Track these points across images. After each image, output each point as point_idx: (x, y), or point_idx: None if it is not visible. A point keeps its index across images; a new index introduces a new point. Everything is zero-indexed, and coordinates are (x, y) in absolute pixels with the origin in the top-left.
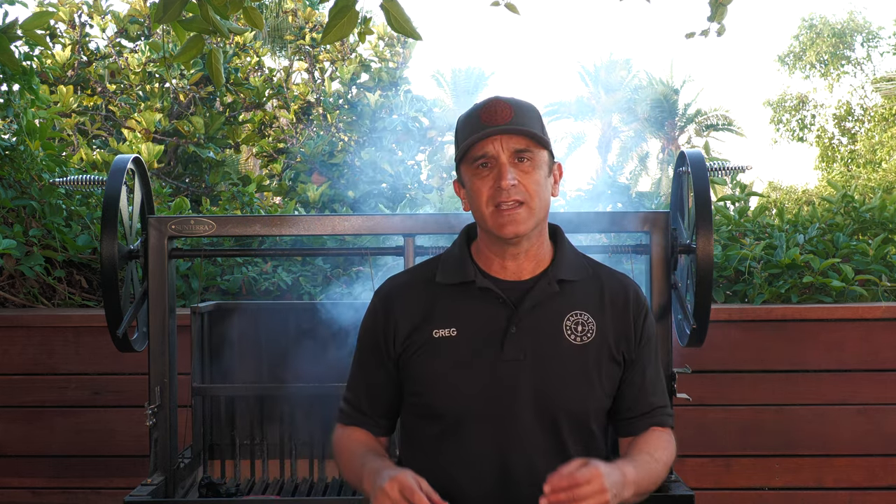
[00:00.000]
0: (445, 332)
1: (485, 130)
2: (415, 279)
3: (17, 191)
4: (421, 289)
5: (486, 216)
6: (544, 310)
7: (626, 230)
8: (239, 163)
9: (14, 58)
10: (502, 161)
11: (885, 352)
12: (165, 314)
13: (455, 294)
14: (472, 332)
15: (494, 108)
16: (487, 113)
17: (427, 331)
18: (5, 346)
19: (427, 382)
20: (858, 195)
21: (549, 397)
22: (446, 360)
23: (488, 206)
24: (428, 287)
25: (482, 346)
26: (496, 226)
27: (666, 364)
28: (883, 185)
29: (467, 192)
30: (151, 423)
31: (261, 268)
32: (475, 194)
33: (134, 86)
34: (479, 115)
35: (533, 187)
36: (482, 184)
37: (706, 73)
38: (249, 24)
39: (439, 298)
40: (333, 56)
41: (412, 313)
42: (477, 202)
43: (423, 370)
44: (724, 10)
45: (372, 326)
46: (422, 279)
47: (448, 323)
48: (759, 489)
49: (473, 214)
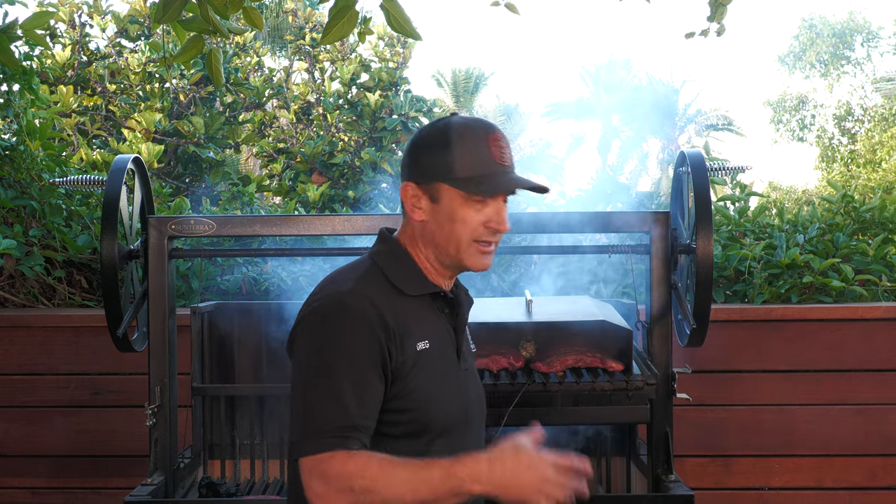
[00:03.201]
0: (422, 344)
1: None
2: (382, 288)
3: (17, 191)
4: (392, 299)
5: (461, 245)
6: (465, 319)
7: (626, 230)
8: (239, 163)
9: (14, 58)
10: (501, 204)
11: (885, 352)
12: (165, 314)
13: (416, 306)
14: (438, 344)
15: (502, 144)
16: (498, 149)
17: (411, 344)
18: (5, 346)
19: (421, 398)
20: (858, 195)
21: (482, 403)
22: (431, 373)
23: (470, 238)
24: (396, 297)
25: (448, 358)
26: (470, 258)
27: (666, 364)
28: (883, 185)
29: (444, 211)
30: (151, 423)
31: (261, 268)
32: (461, 224)
33: (134, 86)
34: (490, 147)
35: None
36: (475, 216)
37: (706, 73)
38: (249, 24)
39: (408, 309)
40: (333, 56)
41: (397, 325)
42: (458, 229)
43: (417, 385)
44: (723, 10)
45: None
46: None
47: (422, 335)
48: (759, 489)
49: (438, 235)
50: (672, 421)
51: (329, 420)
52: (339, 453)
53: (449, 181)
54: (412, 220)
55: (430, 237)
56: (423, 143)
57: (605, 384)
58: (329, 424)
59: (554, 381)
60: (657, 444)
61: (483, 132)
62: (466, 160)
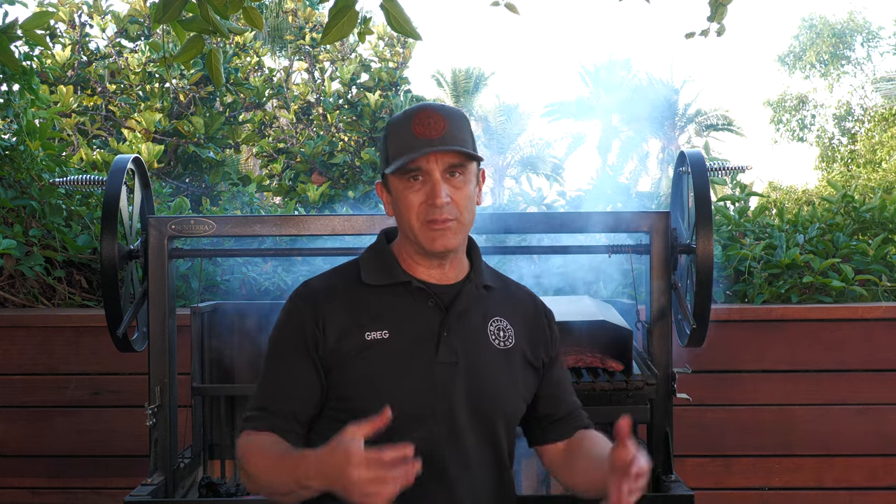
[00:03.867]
0: (377, 334)
1: (422, 150)
2: (337, 281)
3: (17, 191)
4: (347, 290)
5: (415, 230)
6: (471, 314)
7: (626, 230)
8: (239, 163)
9: (14, 58)
10: (436, 178)
11: (885, 352)
12: (165, 314)
13: (384, 295)
14: (404, 334)
15: (427, 120)
16: (421, 125)
17: (358, 333)
18: (5, 346)
19: (360, 386)
20: (858, 195)
21: (485, 400)
22: (380, 362)
23: (418, 220)
24: (354, 288)
25: (415, 349)
26: (426, 240)
27: (666, 364)
28: (883, 185)
29: (394, 201)
30: (151, 423)
31: (261, 268)
32: (405, 207)
33: (134, 86)
34: (412, 127)
35: (464, 202)
36: (414, 197)
37: (706, 73)
38: (249, 24)
39: (367, 300)
40: (333, 56)
41: (340, 315)
42: (406, 214)
43: (356, 374)
44: (723, 10)
45: (296, 326)
46: (345, 280)
47: (380, 325)
48: (759, 489)
49: (399, 224)
50: (672, 421)
51: (252, 403)
52: (247, 433)
53: (388, 169)
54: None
55: (400, 228)
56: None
57: (605, 384)
58: (250, 407)
59: None
60: (657, 444)
61: (411, 114)
62: (395, 145)
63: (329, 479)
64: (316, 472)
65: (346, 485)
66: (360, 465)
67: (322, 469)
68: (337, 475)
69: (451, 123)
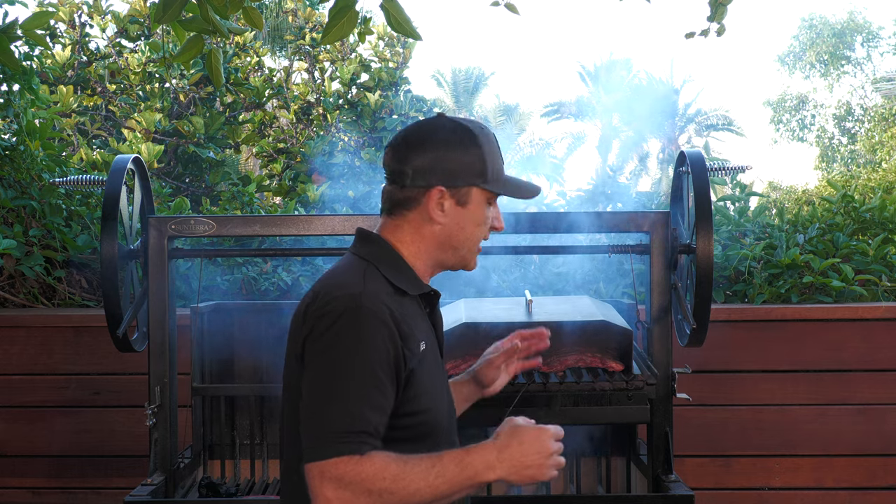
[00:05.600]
0: (423, 344)
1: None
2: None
3: (17, 191)
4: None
5: (473, 249)
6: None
7: (626, 230)
8: (239, 163)
9: (14, 58)
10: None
11: (885, 352)
12: (165, 314)
13: (412, 307)
14: (429, 342)
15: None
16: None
17: (417, 346)
18: (5, 346)
19: (423, 400)
20: (858, 195)
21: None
22: (430, 374)
23: (478, 240)
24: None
25: (437, 357)
26: (474, 262)
27: (666, 364)
28: (883, 185)
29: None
30: (151, 423)
31: (261, 268)
32: (476, 225)
33: (134, 86)
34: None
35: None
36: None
37: (706, 73)
38: (249, 24)
39: (407, 310)
40: (333, 56)
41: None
42: (474, 232)
43: (424, 388)
44: (723, 10)
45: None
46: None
47: (420, 335)
48: (759, 489)
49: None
50: (672, 421)
51: (341, 425)
52: (352, 458)
53: (483, 184)
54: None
55: (446, 239)
56: (445, 146)
57: (605, 384)
58: (341, 429)
59: (554, 381)
60: (657, 444)
61: (493, 135)
62: (495, 163)
63: (518, 462)
64: (499, 459)
65: (542, 460)
66: (553, 438)
67: (507, 454)
68: (532, 454)
69: None
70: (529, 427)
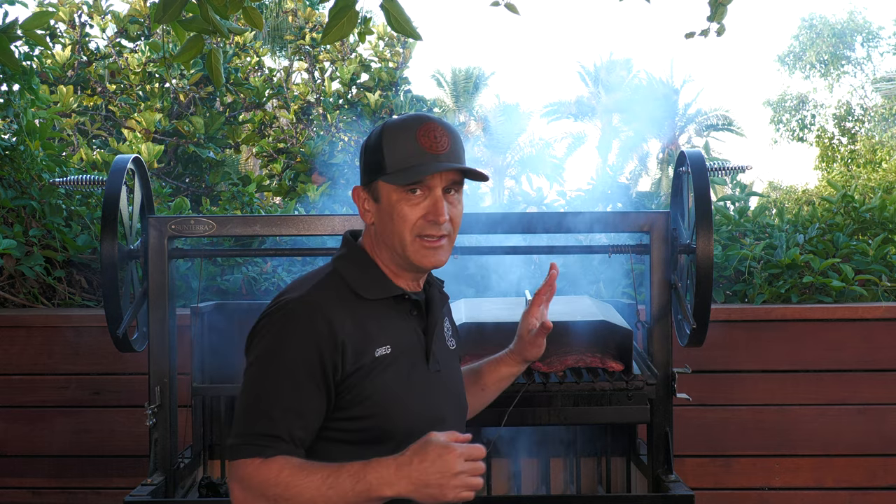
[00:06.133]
0: (383, 350)
1: (433, 164)
2: (339, 295)
3: (17, 191)
4: (350, 305)
5: (406, 243)
6: (438, 319)
7: (626, 230)
8: (239, 163)
9: (14, 58)
10: (437, 194)
11: (885, 352)
12: (165, 314)
13: (378, 308)
14: (402, 347)
15: (433, 133)
16: (427, 138)
17: (370, 352)
18: (5, 346)
19: (379, 404)
20: (858, 195)
21: (459, 402)
22: (392, 378)
23: (412, 233)
24: (354, 302)
25: (413, 361)
26: (417, 256)
27: (666, 364)
28: (883, 185)
29: (384, 209)
30: (151, 423)
31: (261, 268)
32: (399, 219)
33: (134, 86)
34: (419, 139)
35: (458, 219)
36: (411, 211)
37: (706, 73)
38: (249, 24)
39: (368, 314)
40: (333, 56)
41: (354, 334)
42: (399, 227)
43: (375, 391)
44: (723, 10)
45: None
46: (342, 295)
47: (383, 340)
48: (759, 489)
49: (383, 234)
50: (672, 421)
51: (251, 427)
52: (255, 461)
53: (383, 177)
54: (366, 223)
55: (381, 237)
56: (364, 147)
57: (605, 384)
58: (250, 431)
59: (554, 381)
60: (657, 444)
61: (415, 125)
62: (397, 154)
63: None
64: (397, 475)
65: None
66: (462, 457)
67: (407, 470)
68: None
69: (452, 139)
70: (435, 444)
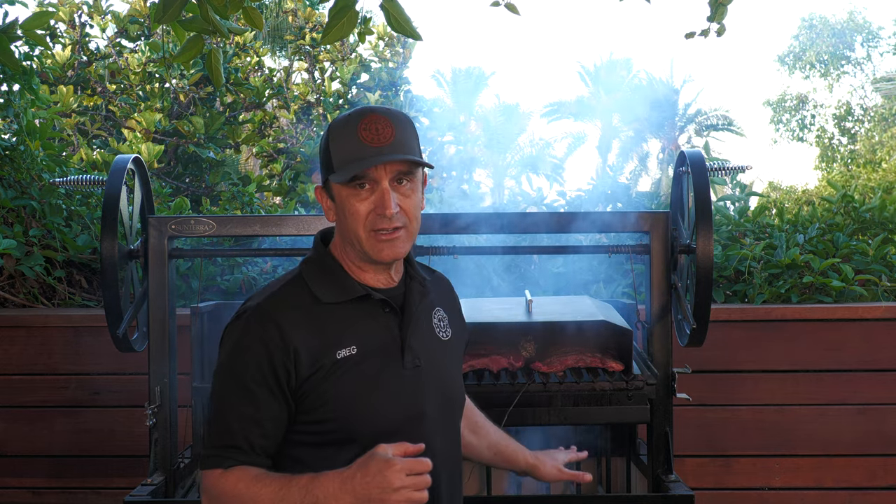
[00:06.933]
0: (346, 351)
1: (371, 159)
2: (293, 303)
3: (17, 191)
4: (307, 311)
5: (362, 239)
6: (420, 312)
7: (626, 230)
8: (239, 163)
9: (14, 58)
10: (384, 186)
11: (885, 352)
12: (165, 314)
13: (342, 310)
14: (370, 346)
15: (374, 125)
16: (368, 131)
17: (329, 355)
18: (5, 346)
19: (336, 408)
20: (858, 195)
21: (447, 396)
22: (354, 380)
23: (365, 229)
24: (312, 307)
25: (383, 359)
26: (374, 250)
27: (666, 364)
28: (883, 185)
29: (339, 207)
30: (151, 423)
31: (261, 268)
32: (351, 215)
33: (134, 86)
34: (359, 132)
35: (412, 210)
36: (361, 206)
37: (706, 73)
38: (249, 24)
39: (329, 318)
40: (333, 56)
41: (309, 340)
42: (353, 223)
43: (334, 394)
44: (723, 10)
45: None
46: (300, 301)
47: (346, 341)
48: (759, 489)
49: (342, 231)
50: (672, 421)
51: (216, 439)
52: (215, 472)
53: (331, 175)
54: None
55: (343, 235)
56: (319, 147)
57: (605, 384)
58: (211, 443)
59: (554, 382)
60: (657, 444)
61: (356, 119)
62: (341, 151)
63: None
64: (342, 490)
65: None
66: (402, 472)
67: (350, 485)
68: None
69: (398, 129)
70: (377, 459)
